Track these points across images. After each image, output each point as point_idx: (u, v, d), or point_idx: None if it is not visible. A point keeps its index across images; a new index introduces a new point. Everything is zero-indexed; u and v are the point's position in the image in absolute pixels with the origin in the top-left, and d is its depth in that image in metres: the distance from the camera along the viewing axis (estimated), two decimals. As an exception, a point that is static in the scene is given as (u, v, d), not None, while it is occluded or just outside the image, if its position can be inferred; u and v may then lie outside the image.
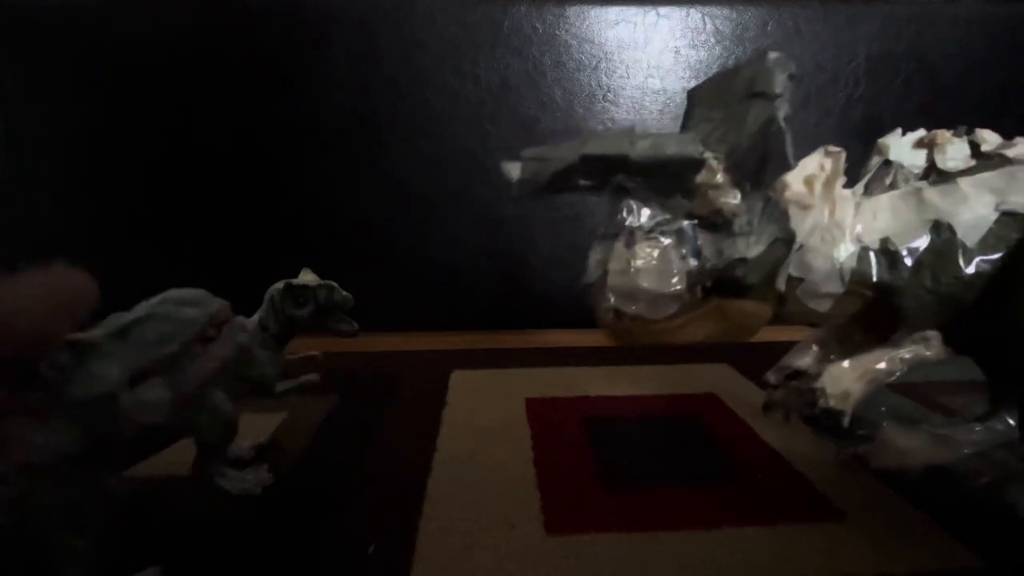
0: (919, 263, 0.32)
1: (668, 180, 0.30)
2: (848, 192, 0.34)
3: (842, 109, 0.76)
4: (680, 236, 0.31)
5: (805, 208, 0.32)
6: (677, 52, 0.75)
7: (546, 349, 0.72)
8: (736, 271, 0.31)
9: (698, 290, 0.31)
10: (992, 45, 0.76)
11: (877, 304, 0.33)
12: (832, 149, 0.33)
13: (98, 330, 0.28)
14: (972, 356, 0.34)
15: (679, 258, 0.30)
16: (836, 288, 0.33)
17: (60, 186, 0.76)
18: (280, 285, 0.47)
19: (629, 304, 0.31)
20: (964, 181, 0.32)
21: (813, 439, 0.44)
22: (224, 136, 0.75)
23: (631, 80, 0.75)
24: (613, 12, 0.74)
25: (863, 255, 0.32)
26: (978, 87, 0.77)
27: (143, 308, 0.30)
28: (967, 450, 0.33)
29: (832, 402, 0.33)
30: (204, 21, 0.72)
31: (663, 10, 0.74)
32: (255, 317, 0.47)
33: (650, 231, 0.31)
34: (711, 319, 0.32)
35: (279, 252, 0.78)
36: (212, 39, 0.73)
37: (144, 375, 0.29)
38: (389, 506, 0.37)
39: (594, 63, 0.75)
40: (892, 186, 0.34)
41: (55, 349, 0.27)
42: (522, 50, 0.74)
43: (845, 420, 0.33)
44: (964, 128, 0.34)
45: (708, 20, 0.75)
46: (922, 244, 0.32)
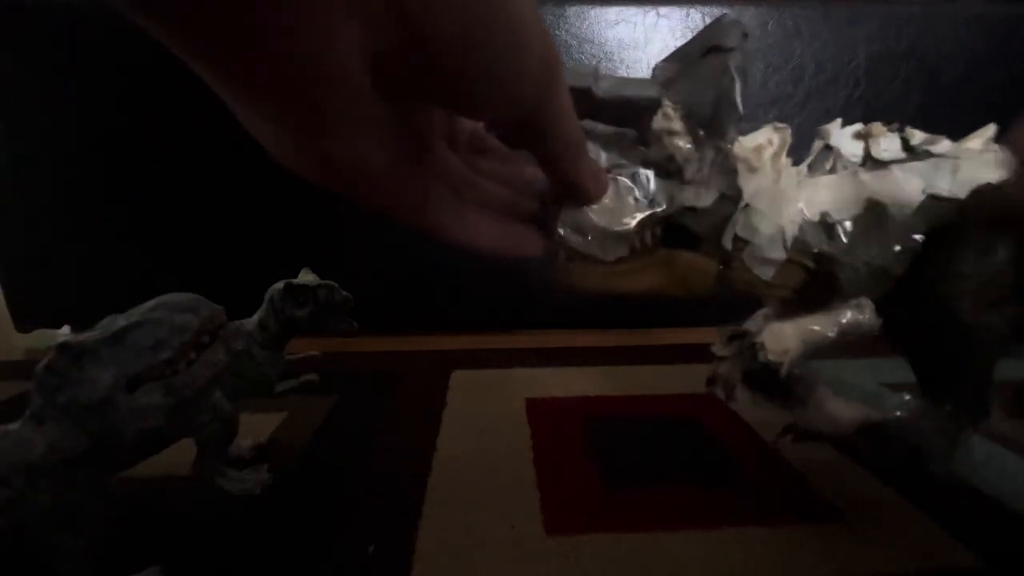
0: (855, 236, 0.35)
1: (628, 121, 0.31)
2: (793, 168, 0.37)
3: (842, 109, 0.76)
4: (635, 179, 0.32)
5: (752, 170, 0.34)
6: (677, 52, 0.75)
7: (546, 349, 0.72)
8: (685, 218, 0.32)
9: (648, 236, 0.32)
10: (992, 45, 0.76)
11: (815, 281, 0.35)
12: (779, 125, 0.36)
13: (94, 334, 0.28)
14: (903, 348, 0.37)
15: (632, 199, 0.31)
16: (779, 254, 0.35)
17: (59, 186, 0.76)
18: (280, 285, 0.47)
19: (579, 238, 0.31)
20: (896, 167, 0.36)
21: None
22: (224, 136, 0.75)
23: (631, 80, 0.75)
24: (613, 12, 0.74)
25: (805, 225, 0.35)
26: (978, 87, 0.77)
27: (138, 313, 0.30)
28: (897, 412, 0.35)
29: (771, 356, 0.35)
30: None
31: (663, 10, 0.74)
32: (255, 317, 0.47)
33: (607, 171, 0.31)
34: (659, 270, 0.33)
35: (279, 252, 0.78)
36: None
37: (140, 380, 0.29)
38: (389, 506, 0.37)
39: (594, 63, 0.75)
40: (832, 171, 0.37)
41: (53, 353, 0.27)
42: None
43: (783, 370, 0.34)
44: (896, 124, 0.37)
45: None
46: (858, 219, 0.35)
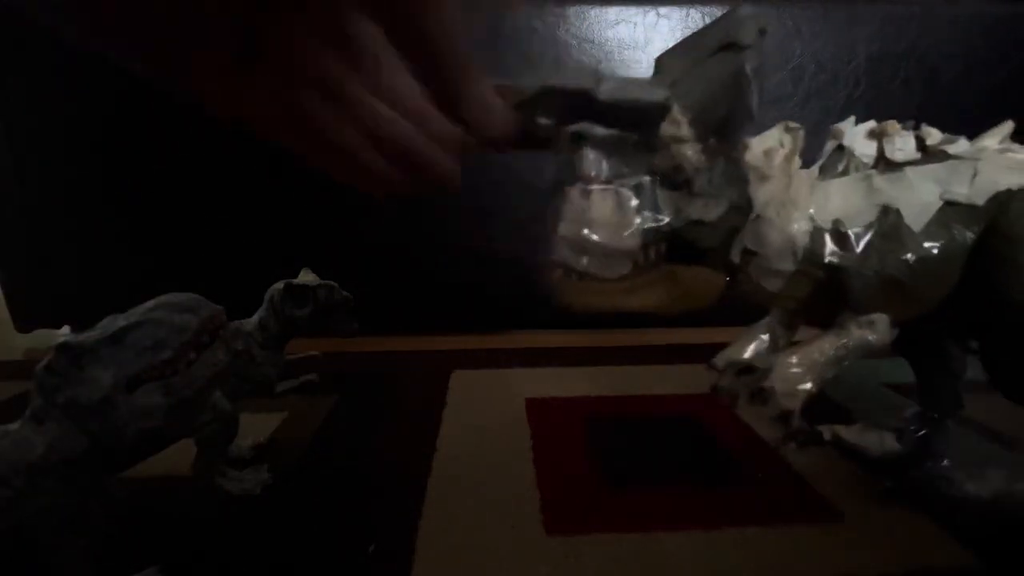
0: (868, 245, 0.33)
1: (632, 126, 0.28)
2: (805, 172, 0.35)
3: (842, 109, 0.76)
4: (639, 191, 0.29)
5: (763, 178, 0.32)
6: (677, 52, 0.75)
7: (546, 349, 0.72)
8: (693, 233, 0.30)
9: (652, 251, 0.29)
10: (992, 45, 0.76)
11: (823, 291, 0.34)
12: (792, 125, 0.34)
13: (94, 334, 0.28)
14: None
15: (636, 213, 0.28)
16: (788, 265, 0.33)
17: (59, 186, 0.76)
18: (280, 285, 0.47)
19: (579, 258, 0.28)
20: (911, 171, 0.33)
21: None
22: (224, 136, 0.75)
23: (631, 80, 0.76)
24: (613, 12, 0.74)
25: (816, 234, 0.33)
26: (978, 87, 0.77)
27: (138, 313, 0.30)
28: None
29: (783, 402, 0.32)
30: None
31: (663, 10, 0.74)
32: (255, 317, 0.47)
33: (608, 182, 0.29)
34: (662, 286, 0.30)
35: (279, 252, 0.78)
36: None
37: (140, 380, 0.29)
38: (389, 506, 0.37)
39: (594, 63, 0.75)
40: (845, 172, 0.35)
41: (53, 353, 0.27)
42: (522, 50, 0.74)
43: (795, 421, 0.32)
44: (912, 122, 0.35)
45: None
46: (871, 227, 0.33)
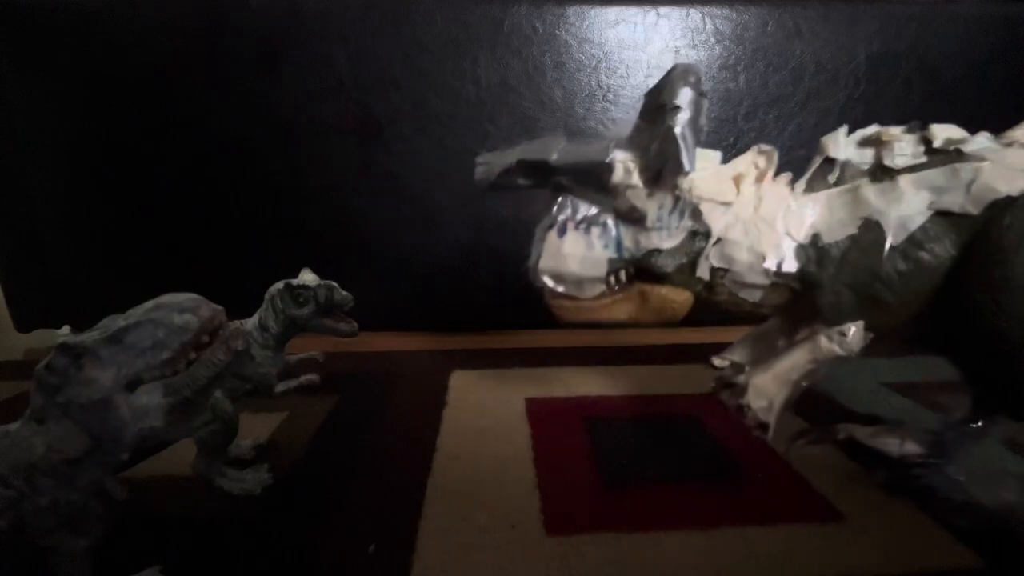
0: (843, 259, 0.33)
1: (588, 180, 0.35)
2: (784, 188, 0.36)
3: (842, 109, 0.76)
4: (604, 229, 0.35)
5: (723, 204, 0.35)
6: (677, 52, 0.75)
7: (546, 349, 0.72)
8: (651, 259, 0.35)
9: (622, 274, 0.36)
10: (992, 45, 0.76)
11: (803, 298, 0.35)
12: (764, 148, 0.36)
13: (94, 334, 0.28)
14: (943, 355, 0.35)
15: (602, 248, 0.35)
16: (761, 279, 0.34)
17: (59, 186, 0.76)
18: (280, 285, 0.47)
19: (558, 284, 0.36)
20: (904, 179, 0.32)
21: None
22: (224, 136, 0.75)
23: (631, 80, 0.75)
24: (613, 12, 0.74)
25: (789, 248, 0.34)
26: (978, 87, 0.77)
27: (138, 313, 0.30)
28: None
29: (758, 414, 0.35)
30: (204, 21, 0.72)
31: (663, 10, 0.74)
32: (255, 317, 0.47)
33: (580, 222, 0.35)
34: (633, 302, 0.37)
35: (279, 252, 0.78)
36: (212, 39, 0.73)
37: (140, 380, 0.29)
38: (389, 506, 0.37)
39: (594, 63, 0.75)
40: (839, 183, 0.35)
41: (53, 353, 0.27)
42: (522, 50, 0.74)
43: (770, 433, 0.35)
44: (917, 124, 0.34)
45: (708, 20, 0.74)
46: (850, 240, 0.33)
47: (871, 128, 0.35)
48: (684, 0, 0.74)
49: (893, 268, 0.32)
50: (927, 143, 0.33)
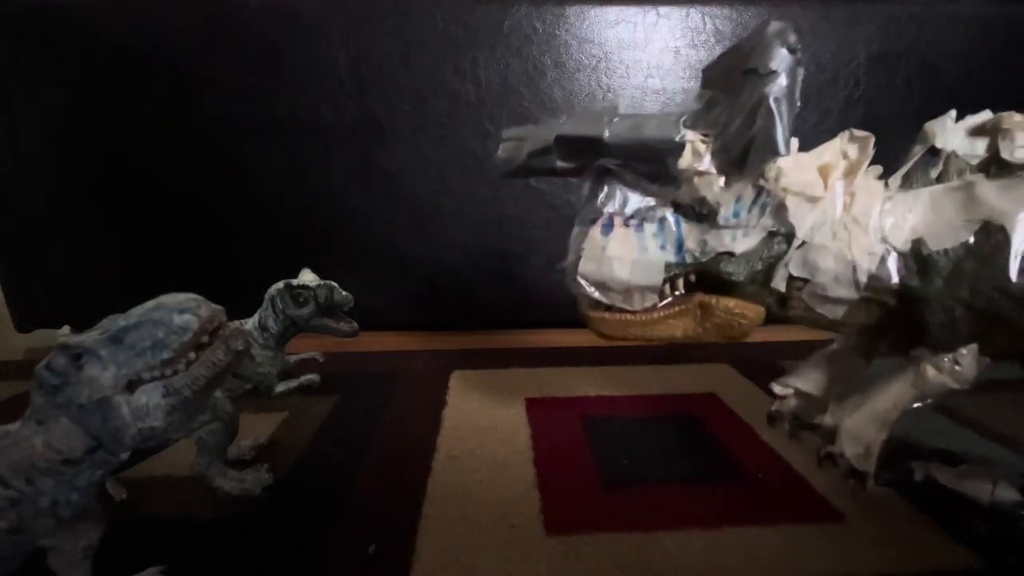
0: (957, 270, 0.27)
1: (647, 164, 0.28)
2: (878, 184, 0.30)
3: (842, 109, 0.76)
4: (661, 225, 0.28)
5: (810, 200, 0.28)
6: (677, 52, 0.75)
7: (546, 349, 0.72)
8: (720, 266, 0.28)
9: (679, 283, 0.29)
10: (992, 45, 0.76)
11: (899, 318, 0.29)
12: (859, 134, 0.29)
13: (94, 334, 0.28)
14: None
15: (658, 249, 0.28)
16: (849, 293, 0.28)
17: (59, 187, 0.76)
18: (280, 285, 0.47)
19: (601, 293, 0.29)
20: None
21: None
22: (224, 136, 0.75)
23: (631, 80, 0.75)
24: (613, 12, 0.74)
25: (887, 257, 0.28)
26: (978, 87, 0.77)
27: (138, 313, 0.30)
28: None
29: (857, 465, 0.30)
30: (204, 21, 0.72)
31: (663, 10, 0.74)
32: (255, 317, 0.47)
33: (630, 217, 0.29)
34: (691, 316, 0.30)
35: (279, 252, 0.78)
36: (212, 39, 0.73)
37: (140, 380, 0.29)
38: (389, 506, 0.37)
39: (594, 63, 0.75)
40: (941, 178, 0.29)
41: (53, 353, 0.27)
42: (522, 50, 0.74)
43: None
44: None
45: (708, 20, 0.74)
46: (964, 248, 0.27)
47: (984, 114, 0.29)
48: (684, 0, 0.74)
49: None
50: None
